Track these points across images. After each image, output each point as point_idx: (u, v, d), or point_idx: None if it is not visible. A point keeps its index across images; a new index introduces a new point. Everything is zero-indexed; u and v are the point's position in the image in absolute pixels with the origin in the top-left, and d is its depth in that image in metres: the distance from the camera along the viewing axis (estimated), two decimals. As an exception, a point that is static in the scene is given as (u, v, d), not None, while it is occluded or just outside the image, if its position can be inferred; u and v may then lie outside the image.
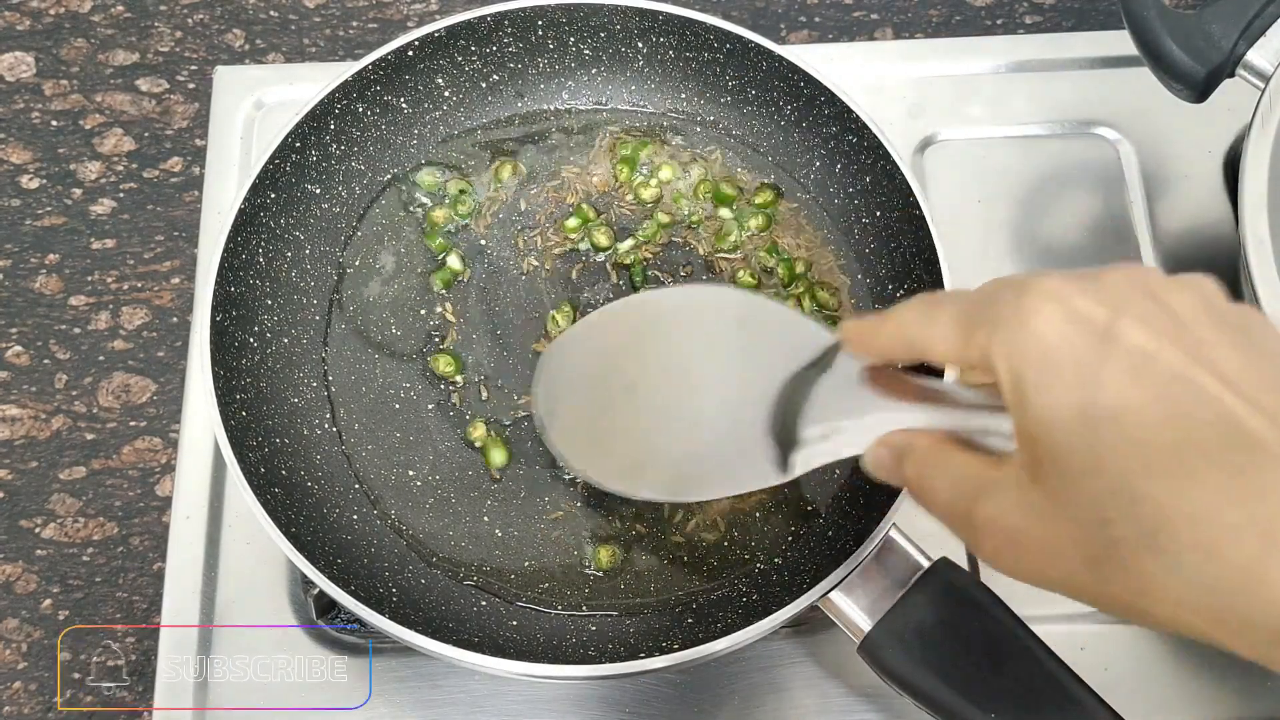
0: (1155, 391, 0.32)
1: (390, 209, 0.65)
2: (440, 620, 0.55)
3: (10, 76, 0.78)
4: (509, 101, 0.67)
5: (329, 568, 0.53)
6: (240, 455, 0.54)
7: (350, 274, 0.64)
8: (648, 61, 0.66)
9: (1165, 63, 0.60)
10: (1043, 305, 0.34)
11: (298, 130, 0.61)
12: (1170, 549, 0.31)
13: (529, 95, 0.67)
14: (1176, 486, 0.31)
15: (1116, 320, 0.33)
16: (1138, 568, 0.32)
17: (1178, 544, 0.31)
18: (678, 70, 0.66)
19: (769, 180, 0.66)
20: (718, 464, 0.47)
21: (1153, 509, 0.31)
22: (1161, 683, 0.59)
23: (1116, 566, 0.32)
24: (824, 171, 0.65)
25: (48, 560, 0.65)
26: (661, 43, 0.65)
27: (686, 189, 0.66)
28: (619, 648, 0.55)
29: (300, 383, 0.61)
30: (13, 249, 0.73)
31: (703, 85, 0.66)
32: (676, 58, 0.66)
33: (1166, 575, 0.31)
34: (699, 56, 0.65)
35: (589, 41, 0.66)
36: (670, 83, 0.67)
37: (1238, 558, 0.31)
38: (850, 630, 0.52)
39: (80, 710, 0.63)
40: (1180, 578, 0.31)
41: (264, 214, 0.60)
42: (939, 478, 0.37)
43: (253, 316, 0.60)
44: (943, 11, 0.80)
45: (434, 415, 0.61)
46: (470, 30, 0.63)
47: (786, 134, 0.65)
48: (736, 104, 0.66)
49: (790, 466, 0.45)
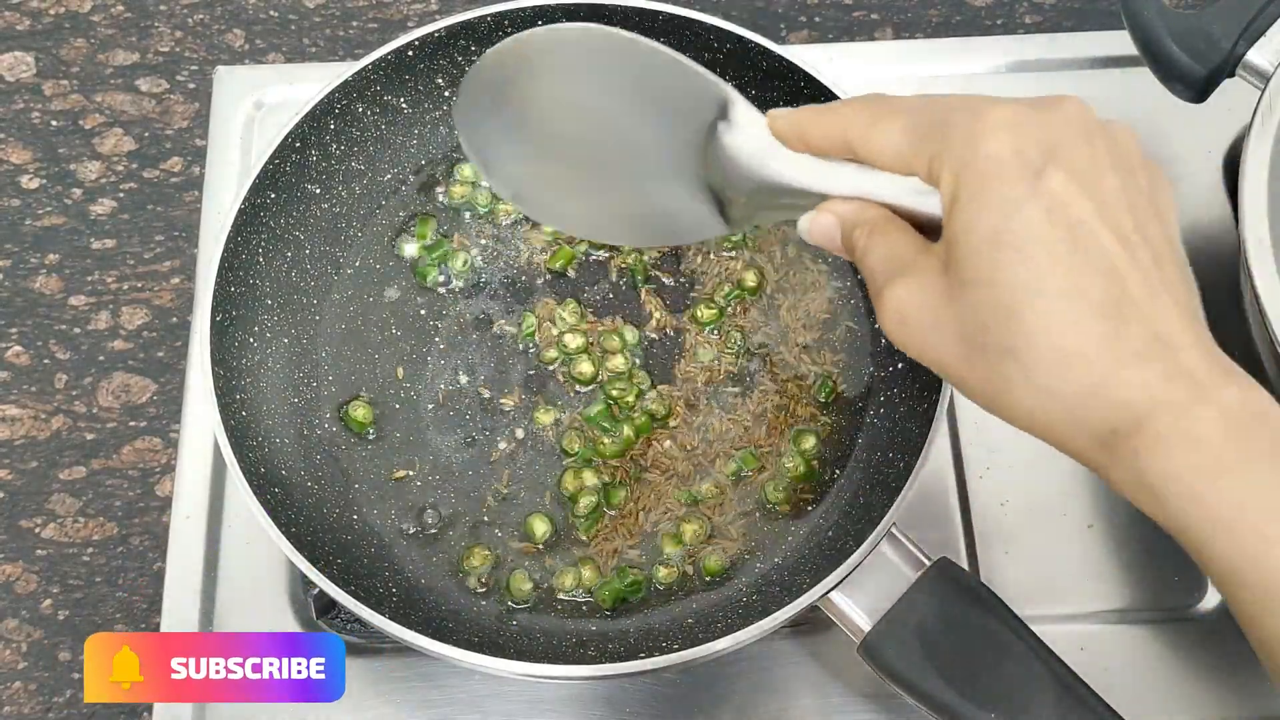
0: (1060, 234, 0.37)
1: (393, 209, 0.65)
2: (440, 620, 0.55)
3: (10, 76, 0.78)
4: None
5: (329, 568, 0.53)
6: (240, 455, 0.54)
7: (350, 274, 0.64)
8: None
9: (1165, 63, 0.60)
10: (994, 134, 0.38)
11: (298, 130, 0.61)
12: (1028, 362, 0.37)
13: None
14: (1051, 315, 0.37)
15: (1047, 164, 0.37)
16: (1000, 370, 0.38)
17: (1037, 360, 0.37)
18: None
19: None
20: (663, 211, 0.49)
21: (1024, 327, 0.37)
22: (1161, 683, 0.59)
23: (983, 365, 0.38)
24: None
25: (48, 560, 0.65)
26: (662, 42, 0.65)
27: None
28: (619, 648, 0.55)
29: (300, 383, 0.61)
30: (13, 249, 0.73)
31: None
32: None
33: (1022, 381, 0.37)
34: (699, 56, 0.65)
35: None
36: None
37: (1086, 379, 0.37)
38: (850, 630, 0.52)
39: (79, 710, 0.63)
40: (1032, 386, 0.37)
41: (264, 214, 0.60)
42: (877, 248, 0.41)
43: (253, 316, 0.60)
44: (943, 11, 0.80)
45: (432, 415, 0.61)
46: (470, 30, 0.63)
47: (786, 134, 0.65)
48: None
49: (732, 220, 0.47)
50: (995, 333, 0.37)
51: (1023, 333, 0.37)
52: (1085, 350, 0.36)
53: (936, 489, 0.63)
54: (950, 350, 0.39)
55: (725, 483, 0.59)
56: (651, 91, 0.48)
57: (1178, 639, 0.60)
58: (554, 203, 0.53)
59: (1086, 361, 0.36)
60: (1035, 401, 0.37)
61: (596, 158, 0.50)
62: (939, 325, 0.39)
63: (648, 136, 0.48)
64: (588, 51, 0.50)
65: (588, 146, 0.50)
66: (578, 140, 0.50)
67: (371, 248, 0.64)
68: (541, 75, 0.50)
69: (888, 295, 0.40)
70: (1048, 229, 0.37)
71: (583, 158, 0.50)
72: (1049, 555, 0.62)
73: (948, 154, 0.38)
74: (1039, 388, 0.37)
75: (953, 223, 0.38)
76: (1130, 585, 0.61)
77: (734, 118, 0.45)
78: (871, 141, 0.41)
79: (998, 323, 0.37)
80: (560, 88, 0.50)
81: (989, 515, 0.63)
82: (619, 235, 0.55)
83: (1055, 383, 0.37)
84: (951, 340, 0.39)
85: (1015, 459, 0.64)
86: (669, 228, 0.51)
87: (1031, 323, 0.37)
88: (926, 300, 0.39)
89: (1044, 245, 0.37)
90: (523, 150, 0.52)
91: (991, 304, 0.37)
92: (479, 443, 0.60)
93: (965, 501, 0.63)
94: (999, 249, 0.37)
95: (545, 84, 0.50)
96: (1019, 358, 0.37)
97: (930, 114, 0.40)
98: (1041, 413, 0.38)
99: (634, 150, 0.49)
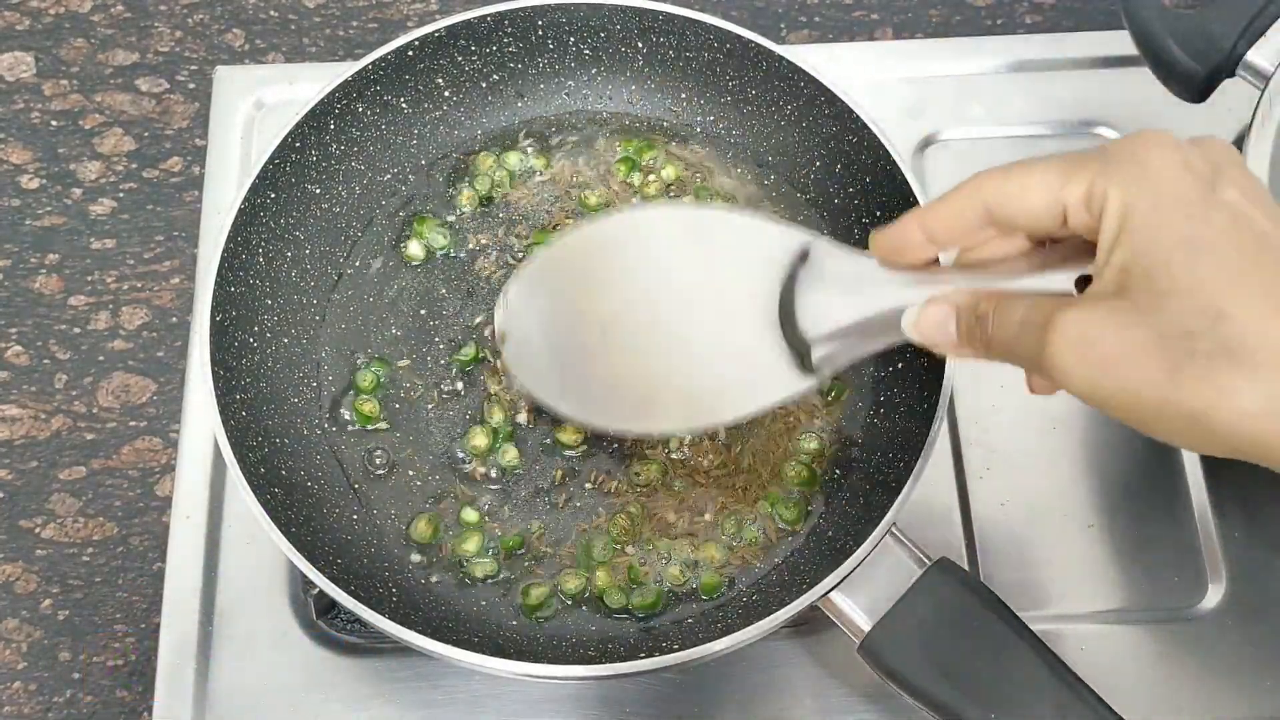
0: (1248, 239, 0.37)
1: (392, 209, 0.65)
2: (440, 620, 0.55)
3: (10, 76, 0.78)
4: (509, 101, 0.67)
5: (329, 568, 0.53)
6: (240, 455, 0.54)
7: (350, 274, 0.64)
8: (648, 61, 0.66)
9: (1165, 63, 0.61)
10: (1160, 149, 0.38)
11: (298, 130, 0.61)
12: (1247, 361, 0.35)
13: (529, 95, 0.67)
14: (1261, 312, 0.36)
15: (1217, 179, 0.38)
16: (1214, 377, 0.36)
17: (1255, 358, 0.35)
18: (678, 70, 0.66)
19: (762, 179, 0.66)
20: (733, 382, 0.47)
21: (1237, 327, 0.35)
22: (1161, 683, 0.59)
23: (1193, 375, 0.36)
24: (824, 172, 0.64)
25: (48, 560, 0.65)
26: (661, 43, 0.65)
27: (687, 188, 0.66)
28: (619, 647, 0.55)
29: (300, 383, 0.61)
30: (13, 249, 0.73)
31: (703, 85, 0.66)
32: (676, 58, 0.66)
33: (1242, 384, 0.35)
34: (699, 57, 0.65)
35: (589, 41, 0.65)
36: (670, 83, 0.67)
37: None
38: (850, 630, 0.52)
39: (79, 710, 0.63)
40: (1254, 387, 0.35)
41: (264, 214, 0.60)
42: (1012, 312, 0.40)
43: (253, 316, 0.60)
44: (943, 11, 0.80)
45: (434, 414, 0.61)
46: (470, 30, 0.63)
47: (786, 134, 0.65)
48: (736, 104, 0.66)
49: (816, 368, 0.45)
50: (1206, 338, 0.36)
51: (1237, 332, 0.35)
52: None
53: (936, 490, 0.63)
54: (1148, 374, 0.37)
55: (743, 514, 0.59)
56: (720, 258, 0.47)
57: (1178, 639, 0.60)
58: (600, 399, 0.51)
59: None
60: (1266, 404, 0.35)
61: (650, 341, 0.48)
62: (1130, 351, 0.37)
63: (714, 304, 0.46)
64: (644, 237, 0.48)
65: (641, 330, 0.48)
66: (629, 326, 0.48)
67: (372, 248, 0.64)
68: (594, 266, 0.49)
69: (1058, 336, 0.38)
70: (1237, 234, 0.37)
71: (634, 344, 0.48)
72: (1049, 555, 0.62)
73: (1113, 172, 0.38)
74: (1267, 388, 0.35)
75: (1133, 238, 0.37)
76: (1130, 585, 0.61)
77: (817, 258, 0.44)
78: (1012, 185, 0.40)
79: (1207, 327, 0.36)
80: (614, 274, 0.49)
81: (989, 515, 0.63)
82: (674, 422, 0.51)
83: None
84: (1150, 362, 0.36)
85: (1015, 459, 0.64)
86: (735, 399, 0.48)
87: (1245, 321, 0.35)
88: (1108, 328, 0.37)
89: (1238, 249, 0.36)
90: (567, 344, 0.50)
91: (1196, 309, 0.36)
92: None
93: (965, 502, 0.63)
94: (1196, 253, 0.36)
95: (596, 272, 0.49)
96: (1238, 358, 0.35)
97: (1074, 153, 0.40)
98: (1270, 417, 0.35)
99: (699, 322, 0.47)
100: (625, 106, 0.67)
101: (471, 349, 0.61)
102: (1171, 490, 0.63)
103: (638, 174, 0.66)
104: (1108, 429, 0.65)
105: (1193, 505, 0.63)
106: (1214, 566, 0.62)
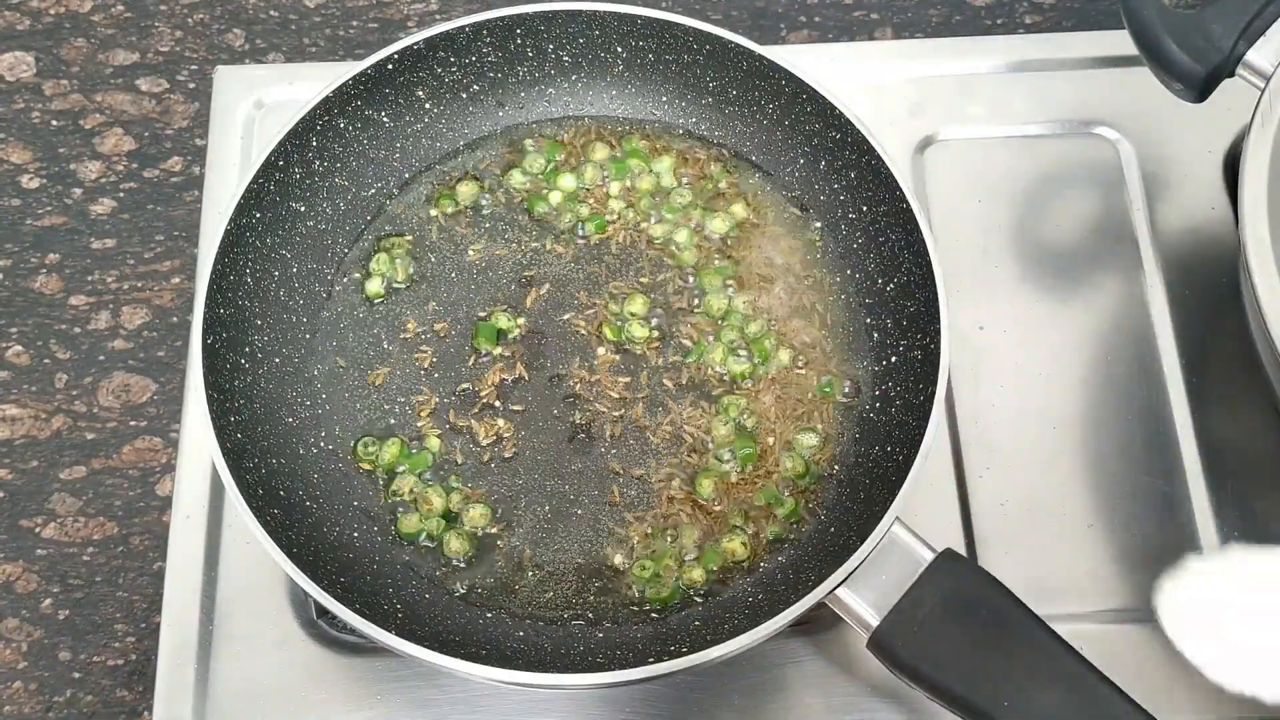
0: None
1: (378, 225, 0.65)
2: (446, 634, 0.55)
3: (10, 76, 0.78)
4: (490, 111, 0.67)
5: (333, 586, 0.53)
6: (239, 478, 0.54)
7: (339, 290, 0.63)
8: (627, 66, 0.66)
9: (1165, 63, 0.61)
10: None
11: (281, 148, 0.60)
12: None
13: (510, 104, 0.67)
14: None
15: None
16: None
17: None
18: (658, 74, 0.66)
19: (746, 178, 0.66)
20: None
21: None
22: (1162, 683, 0.59)
23: None
24: (809, 169, 0.64)
25: (48, 560, 0.65)
26: (640, 46, 0.65)
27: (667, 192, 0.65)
28: (627, 654, 0.55)
29: (294, 402, 0.61)
30: (13, 249, 0.73)
31: (683, 87, 0.66)
32: (656, 61, 0.65)
33: None
34: (679, 59, 0.65)
35: (568, 48, 0.65)
36: (651, 86, 0.67)
37: None
38: (858, 625, 0.52)
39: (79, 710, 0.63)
40: None
41: (250, 234, 0.60)
42: None
43: (243, 338, 0.60)
44: (943, 11, 0.80)
45: (431, 424, 0.61)
46: (449, 41, 0.63)
47: (770, 133, 0.65)
48: (718, 105, 0.66)
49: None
50: None
51: None
52: None
53: (936, 489, 0.63)
54: None
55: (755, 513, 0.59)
56: None
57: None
58: None
59: None
60: None
61: None
62: None
63: None
64: None
65: None
66: None
67: (358, 264, 0.64)
68: None
69: None
70: None
71: None
72: (1049, 555, 0.62)
73: None
74: None
75: None
76: (1130, 585, 0.61)
77: None
78: None
79: None
80: None
81: (989, 515, 0.63)
82: None
83: None
84: None
85: (1015, 459, 0.64)
86: None
87: None
88: None
89: None
90: None
91: None
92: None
93: (965, 502, 0.63)
94: None
95: None
96: None
97: None
98: None
99: None
100: (607, 112, 0.67)
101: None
102: (1171, 490, 0.63)
103: (620, 179, 0.66)
104: (1108, 429, 0.65)
105: (1192, 505, 0.63)
106: (1214, 566, 0.62)
